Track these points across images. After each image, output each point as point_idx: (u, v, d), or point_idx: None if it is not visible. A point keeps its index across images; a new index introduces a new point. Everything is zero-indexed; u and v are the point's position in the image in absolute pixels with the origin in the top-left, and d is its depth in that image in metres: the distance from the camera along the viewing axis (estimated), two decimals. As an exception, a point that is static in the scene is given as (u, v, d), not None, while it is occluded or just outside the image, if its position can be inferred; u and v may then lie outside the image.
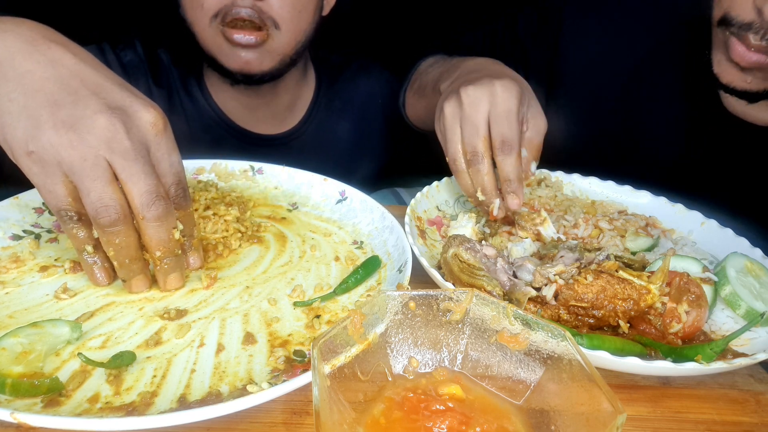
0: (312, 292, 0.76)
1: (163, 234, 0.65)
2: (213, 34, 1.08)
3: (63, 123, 0.59)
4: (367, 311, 0.49)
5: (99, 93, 0.61)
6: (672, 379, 0.67)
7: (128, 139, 0.60)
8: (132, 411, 0.54)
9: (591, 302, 0.66)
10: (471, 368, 0.52)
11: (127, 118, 0.61)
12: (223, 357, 0.63)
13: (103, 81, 0.62)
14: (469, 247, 0.73)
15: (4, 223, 0.83)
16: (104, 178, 0.60)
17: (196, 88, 1.27)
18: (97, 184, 0.60)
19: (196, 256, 0.76)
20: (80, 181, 0.60)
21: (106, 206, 0.61)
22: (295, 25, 1.10)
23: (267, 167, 1.07)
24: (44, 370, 0.58)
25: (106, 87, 0.62)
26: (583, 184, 1.08)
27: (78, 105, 0.60)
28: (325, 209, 1.00)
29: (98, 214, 0.61)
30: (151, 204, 0.63)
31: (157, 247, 0.66)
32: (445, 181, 1.01)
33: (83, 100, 0.60)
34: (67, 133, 0.59)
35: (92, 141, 0.59)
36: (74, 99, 0.60)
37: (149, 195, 0.62)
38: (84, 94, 0.60)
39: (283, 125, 1.33)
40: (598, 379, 0.42)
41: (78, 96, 0.60)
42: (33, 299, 0.70)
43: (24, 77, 0.60)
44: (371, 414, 0.46)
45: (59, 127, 0.59)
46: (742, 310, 0.73)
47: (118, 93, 0.62)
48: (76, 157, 0.59)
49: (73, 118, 0.59)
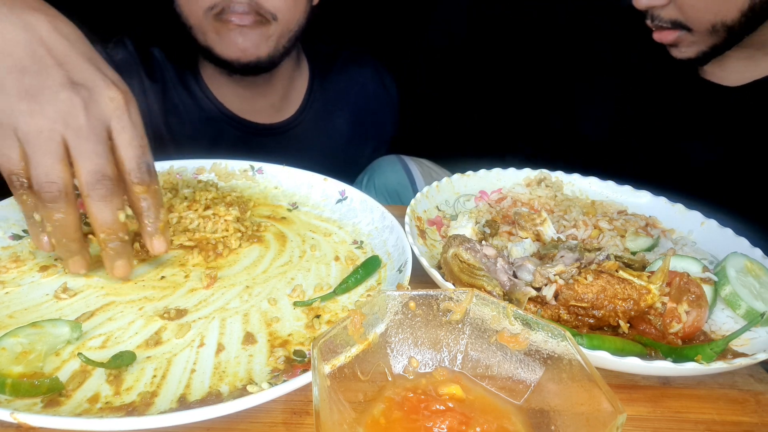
0: (312, 292, 0.76)
1: (108, 215, 0.65)
2: (207, 23, 1.10)
3: (26, 91, 0.59)
4: (367, 311, 0.49)
5: (64, 65, 0.61)
6: (672, 379, 0.67)
7: (85, 116, 0.61)
8: (132, 411, 0.54)
9: (591, 302, 0.66)
10: (471, 368, 0.52)
11: (88, 94, 0.61)
12: (223, 357, 0.63)
13: (71, 52, 0.62)
14: (470, 247, 0.73)
15: (4, 223, 0.83)
16: (55, 154, 0.60)
17: (193, 82, 1.28)
18: (47, 159, 0.60)
19: (161, 240, 0.71)
20: (32, 152, 0.60)
21: (50, 182, 0.61)
22: (291, 14, 1.12)
23: (267, 167, 1.07)
24: (44, 370, 0.58)
25: (72, 59, 0.62)
26: (582, 184, 1.08)
27: (41, 75, 0.60)
28: (325, 209, 1.00)
29: (41, 189, 0.61)
30: (96, 183, 0.62)
31: (101, 228, 0.65)
32: (445, 181, 1.01)
33: (47, 70, 0.60)
34: (27, 102, 0.59)
35: (50, 114, 0.59)
36: (39, 68, 0.60)
37: (95, 174, 0.62)
38: (49, 63, 0.60)
39: (280, 115, 1.34)
40: (598, 379, 0.42)
41: (43, 65, 0.60)
42: (33, 299, 0.70)
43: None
44: (371, 414, 0.46)
45: (21, 95, 0.59)
46: (742, 310, 0.73)
47: (84, 67, 0.62)
48: (33, 127, 0.59)
49: (35, 87, 0.59)
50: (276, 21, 1.10)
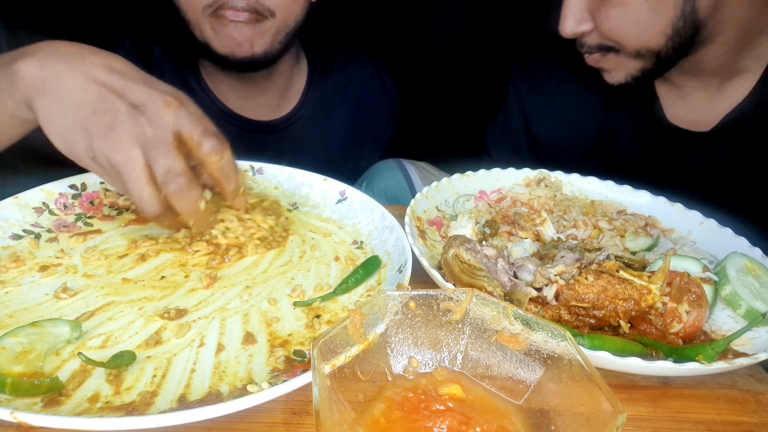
0: (312, 292, 0.76)
1: (187, 205, 0.74)
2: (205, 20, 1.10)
3: (105, 128, 0.68)
4: (367, 311, 0.49)
5: (123, 95, 0.69)
6: (672, 379, 0.67)
7: (151, 129, 0.69)
8: (132, 411, 0.54)
9: (592, 302, 0.66)
10: (471, 368, 0.52)
11: (148, 110, 0.69)
12: (223, 357, 0.63)
13: (125, 81, 0.70)
14: (470, 247, 0.73)
15: (4, 222, 0.83)
16: (141, 178, 0.69)
17: (193, 79, 1.29)
18: (137, 186, 0.70)
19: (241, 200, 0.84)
20: (126, 183, 0.70)
21: (145, 202, 0.71)
22: (289, 11, 1.13)
23: (267, 167, 1.07)
24: (44, 370, 0.58)
25: (129, 87, 0.70)
26: (582, 184, 1.08)
27: (110, 111, 0.68)
28: (325, 209, 1.00)
29: (143, 210, 0.72)
30: (169, 182, 0.71)
31: (188, 217, 0.76)
32: (445, 181, 1.01)
33: (113, 105, 0.68)
34: (108, 138, 0.68)
35: (125, 142, 0.68)
36: (107, 106, 0.68)
37: (166, 174, 0.70)
38: (111, 98, 0.69)
39: (278, 111, 1.35)
40: (598, 379, 0.42)
41: (108, 101, 0.68)
42: (33, 299, 0.70)
43: (69, 94, 0.69)
44: (371, 414, 0.46)
45: (101, 134, 0.68)
46: (742, 310, 0.73)
47: (139, 89, 0.70)
48: (120, 160, 0.68)
49: (110, 123, 0.68)
50: (273, 17, 1.11)
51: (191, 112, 0.73)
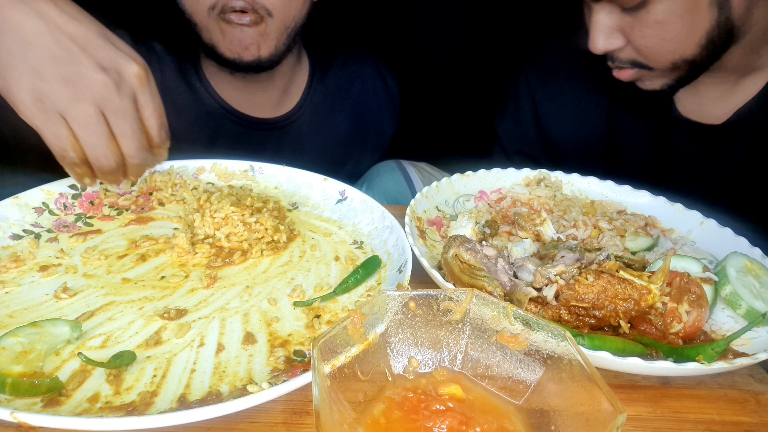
0: (312, 292, 0.76)
1: (142, 171, 0.79)
2: (212, 23, 1.11)
3: (64, 78, 0.67)
4: (367, 311, 0.49)
5: (88, 50, 0.68)
6: (672, 379, 0.67)
7: (119, 96, 0.70)
8: (132, 411, 0.54)
9: (592, 302, 0.66)
10: (471, 368, 0.52)
11: (117, 76, 0.70)
12: (223, 357, 0.63)
13: (89, 35, 0.69)
14: (470, 247, 0.73)
15: (4, 222, 0.83)
16: (104, 133, 0.71)
17: (193, 76, 1.29)
18: (100, 139, 0.71)
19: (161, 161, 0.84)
20: (84, 134, 0.70)
21: (107, 156, 0.72)
22: (286, 11, 1.13)
23: (267, 167, 1.07)
24: (44, 370, 0.58)
25: (92, 42, 0.69)
26: (582, 184, 1.08)
27: (73, 62, 0.67)
28: (325, 209, 1.00)
29: (100, 164, 0.73)
30: (137, 155, 0.75)
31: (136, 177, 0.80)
32: (445, 181, 1.01)
33: (77, 57, 0.68)
34: (68, 88, 0.67)
35: (90, 98, 0.68)
36: (68, 56, 0.67)
37: (137, 149, 0.74)
38: (75, 50, 0.68)
39: (279, 109, 1.35)
40: (598, 379, 0.42)
41: (71, 53, 0.67)
42: (33, 299, 0.70)
43: (18, 30, 0.66)
44: (371, 414, 0.46)
45: (61, 82, 0.67)
46: (742, 310, 0.73)
47: (105, 48, 0.70)
48: (80, 112, 0.68)
49: (71, 74, 0.67)
50: (271, 17, 1.11)
51: (152, 93, 0.75)
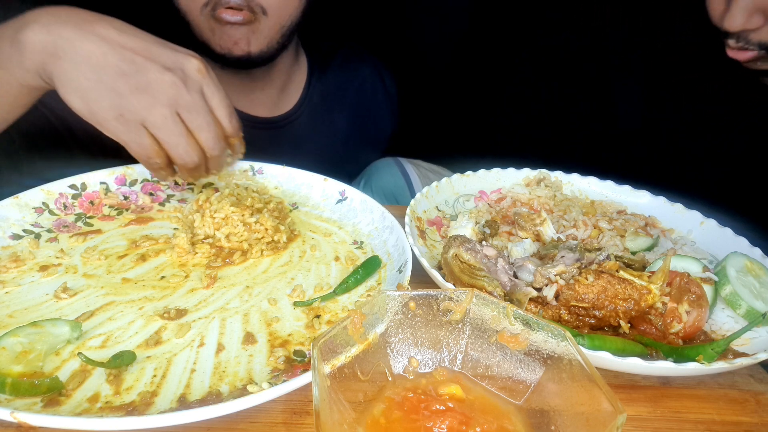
0: (312, 292, 0.76)
1: (222, 161, 0.83)
2: (204, 20, 1.11)
3: (138, 89, 0.72)
4: (367, 311, 0.49)
5: (151, 57, 0.73)
6: (672, 379, 0.67)
7: (188, 92, 0.74)
8: (132, 411, 0.54)
9: (592, 302, 0.66)
10: (471, 368, 0.52)
11: (182, 73, 0.74)
12: (223, 357, 0.63)
13: (147, 44, 0.74)
14: (470, 247, 0.73)
15: (4, 222, 0.83)
16: (183, 132, 0.75)
17: None
18: (181, 139, 0.75)
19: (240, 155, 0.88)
20: (166, 136, 0.74)
21: (188, 153, 0.76)
22: (281, 10, 1.13)
23: (267, 167, 1.07)
24: (44, 370, 0.58)
25: (153, 50, 0.74)
26: (582, 184, 1.08)
27: (141, 72, 0.72)
28: (326, 209, 1.00)
29: (184, 161, 0.77)
30: (215, 147, 0.79)
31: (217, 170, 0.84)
32: (445, 181, 1.01)
33: (143, 66, 0.72)
34: (143, 97, 0.72)
35: (164, 100, 0.72)
36: (135, 67, 0.72)
37: (215, 140, 0.78)
38: (140, 61, 0.72)
39: (278, 109, 1.35)
40: (598, 379, 0.42)
41: (137, 64, 0.72)
42: (33, 299, 0.70)
43: (89, 58, 0.71)
44: (371, 414, 0.46)
45: (135, 93, 0.71)
46: (742, 310, 0.73)
47: (165, 52, 0.74)
48: (157, 115, 0.73)
49: (142, 83, 0.72)
50: (266, 15, 1.11)
51: (215, 83, 0.78)
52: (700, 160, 1.16)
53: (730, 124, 1.11)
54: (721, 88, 1.15)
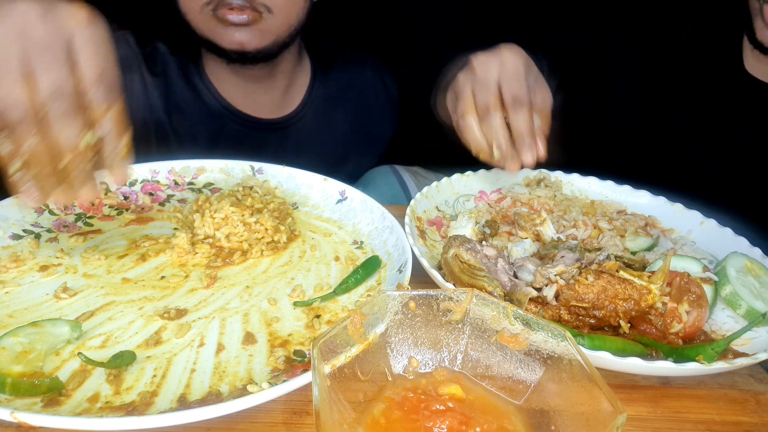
0: (312, 292, 0.76)
1: (70, 135, 0.57)
2: (205, 19, 1.10)
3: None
4: (367, 311, 0.49)
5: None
6: (672, 379, 0.67)
7: (43, 26, 0.56)
8: (132, 411, 0.54)
9: (592, 302, 0.66)
10: (471, 368, 0.52)
11: (48, 5, 0.57)
12: (223, 357, 0.63)
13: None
14: (470, 247, 0.73)
15: (4, 222, 0.83)
16: (16, 71, 0.55)
17: (196, 77, 1.29)
18: (5, 81, 0.55)
19: (121, 171, 0.63)
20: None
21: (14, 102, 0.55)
22: (287, 9, 1.12)
23: (267, 167, 1.07)
24: (44, 370, 0.58)
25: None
26: (582, 184, 1.08)
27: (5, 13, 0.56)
28: (326, 209, 1.00)
29: (6, 111, 0.56)
30: (55, 98, 0.56)
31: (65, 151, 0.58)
32: (445, 181, 1.01)
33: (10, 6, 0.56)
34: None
35: (4, 30, 0.55)
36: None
37: (53, 89, 0.56)
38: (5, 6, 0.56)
39: (281, 110, 1.35)
40: (598, 379, 0.42)
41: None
42: (33, 299, 0.70)
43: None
44: (371, 414, 0.46)
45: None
46: (742, 310, 0.73)
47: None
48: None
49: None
50: (271, 14, 1.10)
51: (97, 38, 0.59)
52: (700, 160, 1.16)
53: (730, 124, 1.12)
54: (721, 89, 1.16)
